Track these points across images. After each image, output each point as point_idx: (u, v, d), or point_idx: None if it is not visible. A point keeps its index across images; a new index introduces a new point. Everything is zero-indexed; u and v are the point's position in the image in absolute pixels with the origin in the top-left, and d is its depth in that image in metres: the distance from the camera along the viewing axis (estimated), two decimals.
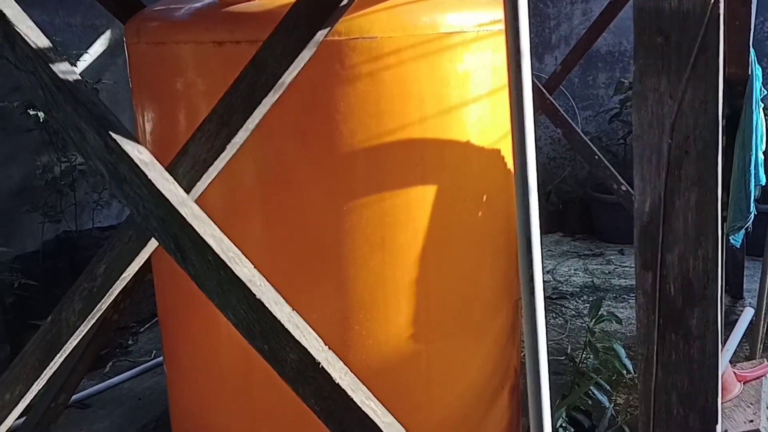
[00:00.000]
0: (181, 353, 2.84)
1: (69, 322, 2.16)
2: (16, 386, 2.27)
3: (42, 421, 2.97)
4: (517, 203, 1.24)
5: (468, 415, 2.74)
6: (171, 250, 1.77)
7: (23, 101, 4.34)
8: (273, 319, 1.68)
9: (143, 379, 4.14)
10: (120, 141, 1.76)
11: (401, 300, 2.48)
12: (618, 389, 3.56)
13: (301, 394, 1.70)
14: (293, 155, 2.36)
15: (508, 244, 2.82)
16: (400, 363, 2.53)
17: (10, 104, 4.29)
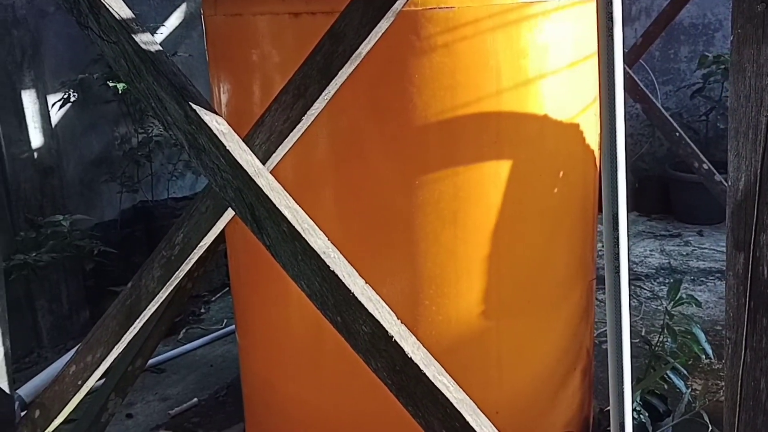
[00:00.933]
0: (253, 322, 2.88)
1: (148, 288, 2.22)
2: (98, 349, 2.35)
3: (119, 384, 3.07)
4: (604, 179, 1.19)
5: (539, 395, 2.70)
6: (247, 221, 1.78)
7: (103, 73, 4.46)
8: (347, 291, 1.68)
9: (215, 346, 4.24)
10: (199, 111, 1.78)
11: (473, 276, 2.44)
12: (694, 374, 3.45)
13: (373, 367, 1.70)
14: (366, 128, 2.34)
15: (583, 221, 2.75)
16: (470, 340, 2.50)
17: (90, 76, 4.41)
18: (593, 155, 2.71)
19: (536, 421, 2.72)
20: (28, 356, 4.17)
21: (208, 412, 3.51)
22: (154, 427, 3.40)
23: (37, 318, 4.23)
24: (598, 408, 3.19)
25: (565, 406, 2.83)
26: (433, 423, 1.65)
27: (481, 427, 1.64)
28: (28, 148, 4.13)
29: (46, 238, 4.03)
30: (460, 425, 1.62)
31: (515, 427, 2.66)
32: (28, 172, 4.14)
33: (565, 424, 2.81)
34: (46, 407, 2.47)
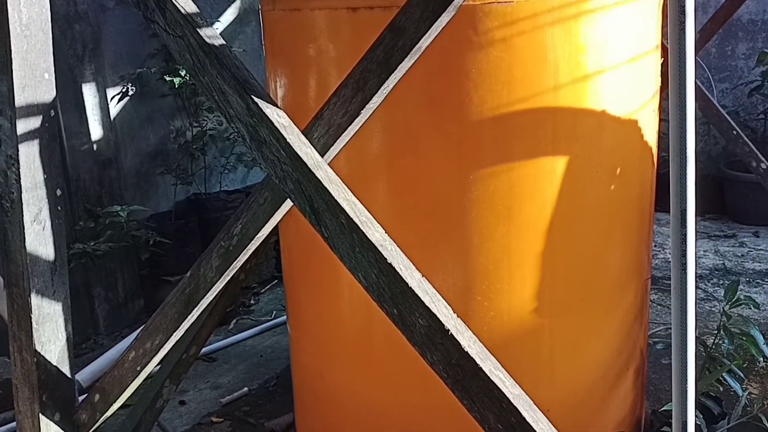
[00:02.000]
0: (304, 313, 2.92)
1: (206, 277, 2.27)
2: (157, 335, 2.41)
3: (174, 371, 3.14)
4: (672, 174, 1.17)
5: (591, 394, 2.67)
6: (306, 212, 1.81)
7: (160, 67, 4.55)
8: (403, 283, 1.69)
9: (264, 337, 4.30)
10: (261, 104, 1.81)
11: (526, 272, 2.43)
12: (750, 377, 3.37)
13: (429, 360, 1.71)
14: (421, 122, 2.35)
15: (639, 219, 2.71)
16: (521, 336, 2.49)
17: (147, 70, 4.52)
18: (651, 152, 2.67)
19: (588, 420, 2.70)
20: (85, 342, 4.30)
21: (258, 401, 3.57)
22: (205, 414, 3.46)
23: (95, 305, 4.35)
24: (651, 409, 3.14)
25: (617, 406, 2.80)
26: (489, 417, 1.66)
27: (537, 423, 1.63)
28: (88, 140, 4.25)
29: (104, 228, 4.15)
30: (516, 420, 1.62)
31: (566, 426, 2.63)
32: (87, 164, 4.26)
33: (616, 424, 2.78)
34: (106, 391, 2.55)
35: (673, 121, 1.14)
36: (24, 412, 2.52)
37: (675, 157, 1.15)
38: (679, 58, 1.14)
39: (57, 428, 2.55)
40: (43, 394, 2.49)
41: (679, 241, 1.18)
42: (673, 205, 1.17)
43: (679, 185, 1.15)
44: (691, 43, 1.16)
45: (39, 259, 2.44)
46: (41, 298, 2.45)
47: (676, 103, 1.14)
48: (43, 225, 2.45)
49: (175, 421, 3.41)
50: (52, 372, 2.50)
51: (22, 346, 2.48)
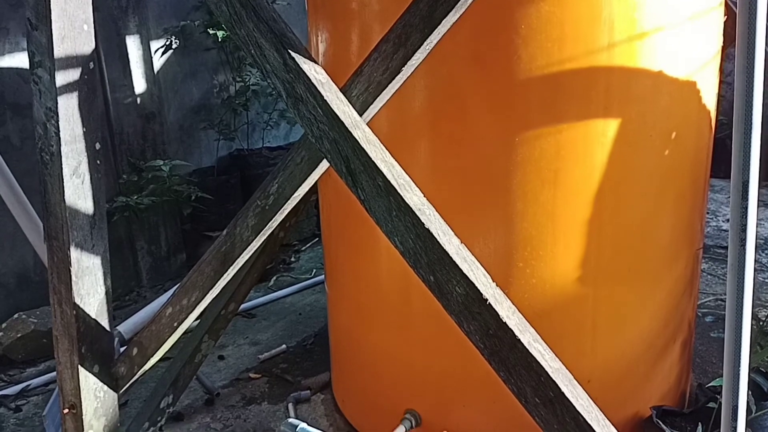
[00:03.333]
0: (341, 274, 2.88)
1: (242, 236, 2.24)
2: (193, 293, 2.40)
3: (213, 327, 3.16)
4: (735, 143, 1.07)
5: (634, 366, 2.59)
6: (342, 173, 1.75)
7: (203, 20, 4.50)
8: (441, 250, 1.63)
9: (304, 295, 4.30)
10: (298, 60, 1.74)
11: (570, 239, 2.34)
12: None
13: (465, 329, 1.65)
14: (466, 81, 2.25)
15: (693, 187, 2.58)
16: (564, 306, 2.41)
17: (191, 23, 4.47)
18: (709, 116, 2.53)
19: (630, 392, 2.62)
20: (128, 294, 4.36)
21: (295, 359, 3.58)
22: (244, 370, 3.49)
23: (138, 259, 4.40)
24: (696, 382, 3.04)
25: (661, 379, 2.71)
26: (526, 391, 1.60)
27: (577, 398, 1.57)
28: (132, 94, 4.24)
29: (147, 182, 4.16)
30: (554, 395, 1.56)
31: (607, 398, 2.56)
32: (131, 117, 4.26)
33: (660, 397, 2.70)
34: (144, 346, 2.56)
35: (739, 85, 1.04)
36: (64, 363, 2.56)
37: (739, 126, 1.05)
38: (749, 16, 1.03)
39: (96, 380, 2.59)
40: (82, 346, 2.52)
41: (740, 215, 1.09)
42: (734, 176, 1.08)
43: (743, 156, 1.06)
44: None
45: (78, 213, 2.45)
46: (80, 251, 2.46)
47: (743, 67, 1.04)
48: (82, 179, 2.45)
49: (213, 376, 3.44)
50: (91, 325, 2.53)
51: (62, 299, 2.50)
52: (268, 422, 3.05)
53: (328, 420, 3.04)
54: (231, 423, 3.06)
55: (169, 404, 3.06)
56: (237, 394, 3.29)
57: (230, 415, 3.12)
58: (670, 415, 2.60)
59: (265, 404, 3.19)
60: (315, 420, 3.06)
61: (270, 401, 3.21)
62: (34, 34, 2.32)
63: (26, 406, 3.23)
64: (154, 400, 3.07)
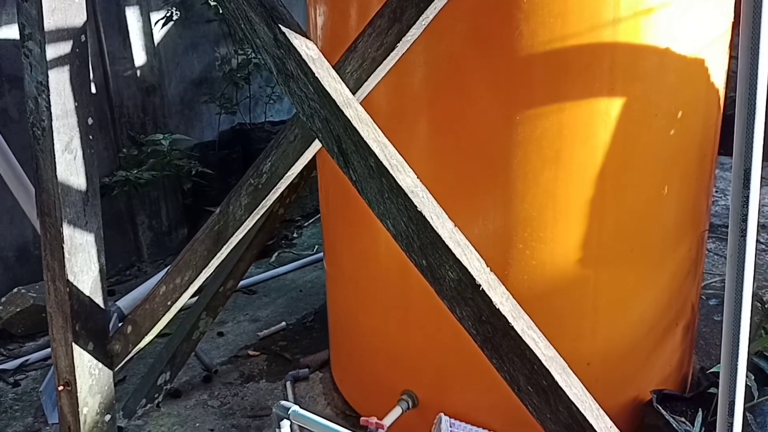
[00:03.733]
0: (339, 254, 2.84)
1: (236, 215, 2.20)
2: (187, 272, 2.37)
3: (211, 304, 3.13)
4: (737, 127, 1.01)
5: (635, 349, 2.55)
6: (333, 153, 1.70)
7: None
8: (434, 233, 1.58)
9: (305, 271, 4.27)
10: (289, 35, 1.68)
11: (571, 220, 2.29)
12: None
13: (458, 315, 1.61)
14: (466, 57, 2.18)
15: (700, 167, 2.51)
16: (564, 288, 2.37)
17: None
18: (718, 95, 2.45)
19: (630, 376, 2.58)
20: (129, 269, 4.35)
21: (294, 336, 3.56)
22: (243, 347, 3.47)
23: (138, 233, 4.38)
24: (699, 366, 3.00)
25: (662, 363, 2.67)
26: (519, 379, 1.56)
27: (571, 387, 1.53)
28: (131, 66, 4.18)
29: (147, 156, 4.12)
30: (547, 384, 1.52)
31: (606, 381, 2.54)
32: (131, 90, 4.20)
33: (661, 380, 2.66)
34: (138, 324, 2.54)
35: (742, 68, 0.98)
36: (58, 341, 2.54)
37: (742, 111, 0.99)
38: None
39: (90, 357, 2.57)
40: (76, 324, 2.49)
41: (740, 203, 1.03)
42: (736, 163, 1.02)
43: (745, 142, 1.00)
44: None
45: (71, 189, 2.41)
46: (73, 228, 2.43)
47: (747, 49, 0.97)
48: (74, 154, 2.40)
49: (212, 352, 3.43)
50: (85, 302, 2.50)
51: (55, 276, 2.47)
52: (266, 400, 3.04)
53: (326, 399, 3.03)
54: (228, 401, 3.05)
55: (166, 381, 3.05)
56: (235, 371, 3.27)
57: (228, 392, 3.11)
58: (671, 400, 2.57)
59: (263, 382, 3.18)
60: (313, 398, 3.04)
61: (268, 379, 3.20)
62: (24, 5, 2.27)
63: (25, 381, 3.23)
64: (152, 377, 3.06)
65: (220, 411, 2.98)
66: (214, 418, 2.94)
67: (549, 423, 1.54)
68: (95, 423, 2.63)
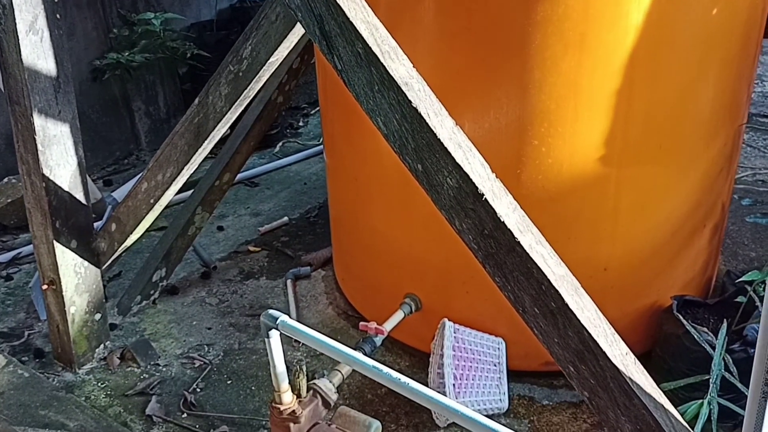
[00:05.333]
0: (340, 147, 2.62)
1: (216, 107, 1.97)
2: (168, 168, 2.17)
3: (207, 198, 2.96)
4: None
5: (657, 253, 2.35)
6: (315, 36, 1.44)
7: None
8: (431, 134, 1.35)
9: (310, 163, 4.07)
10: None
11: (595, 114, 2.04)
12: None
13: (457, 227, 1.41)
14: None
15: (743, 52, 2.22)
16: (582, 188, 2.15)
17: None
18: None
19: (649, 281, 2.41)
20: (126, 158, 4.16)
21: (297, 231, 3.40)
22: (243, 242, 3.32)
23: (135, 120, 4.16)
24: (725, 269, 2.81)
25: (686, 266, 2.48)
26: (524, 299, 1.37)
27: (583, 310, 1.34)
28: None
29: (139, 37, 3.83)
30: (556, 306, 1.33)
31: (623, 287, 2.36)
32: None
33: (683, 285, 2.48)
34: (122, 222, 2.38)
35: None
36: (39, 238, 2.39)
37: None
38: None
39: (74, 255, 2.43)
40: (56, 221, 2.33)
41: None
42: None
43: None
44: None
45: (39, 75, 2.18)
46: (45, 118, 2.21)
47: None
48: (40, 36, 2.15)
49: (211, 247, 3.29)
50: (64, 198, 2.33)
51: (30, 170, 2.29)
52: (265, 298, 2.92)
53: (328, 298, 2.90)
54: (227, 298, 2.94)
55: (162, 277, 2.93)
56: (235, 267, 3.15)
57: (226, 289, 2.99)
58: (693, 306, 2.40)
59: (263, 279, 3.05)
60: (314, 297, 2.92)
61: (269, 276, 3.07)
62: None
63: (18, 275, 3.13)
64: (147, 273, 2.93)
65: (218, 309, 2.87)
66: (211, 316, 2.83)
67: (556, 348, 1.37)
68: (84, 322, 2.53)
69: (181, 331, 2.74)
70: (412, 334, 2.51)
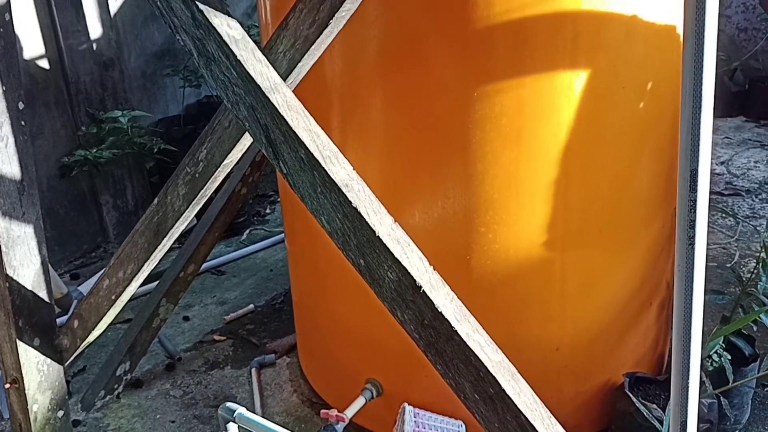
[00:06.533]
0: (299, 232, 2.71)
1: (174, 206, 2.06)
2: (128, 265, 2.24)
3: (171, 290, 3.01)
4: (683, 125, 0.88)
5: (606, 331, 2.44)
6: (262, 144, 1.55)
7: None
8: (370, 231, 1.45)
9: (277, 249, 4.14)
10: (208, 13, 1.52)
11: (535, 202, 2.16)
12: None
13: (399, 318, 1.49)
14: (420, 29, 2.03)
15: (673, 140, 2.37)
16: (529, 272, 2.25)
17: None
18: None
19: (601, 359, 2.48)
20: (94, 251, 4.21)
21: (263, 319, 3.44)
22: (208, 331, 3.35)
23: (103, 213, 4.23)
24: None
25: (635, 344, 2.57)
26: (464, 386, 1.44)
27: (519, 395, 1.41)
28: (87, 39, 3.98)
29: (107, 134, 3.95)
30: (494, 392, 1.41)
31: (576, 366, 2.44)
32: (87, 65, 4.01)
33: (635, 362, 2.56)
34: (84, 318, 2.42)
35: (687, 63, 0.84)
36: (2, 337, 2.41)
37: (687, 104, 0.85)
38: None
39: (37, 353, 2.45)
40: (20, 320, 2.37)
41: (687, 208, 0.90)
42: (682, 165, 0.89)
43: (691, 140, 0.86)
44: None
45: (4, 179, 2.26)
46: (9, 220, 2.28)
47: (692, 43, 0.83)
48: (5, 142, 2.25)
49: (177, 338, 3.32)
50: (27, 297, 2.37)
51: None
52: (230, 388, 2.94)
53: (293, 386, 2.93)
54: (191, 389, 2.95)
55: (126, 371, 2.94)
56: (200, 357, 3.17)
57: (191, 380, 3.01)
58: (645, 383, 2.47)
59: (228, 369, 3.07)
60: (279, 385, 2.94)
61: (234, 365, 3.09)
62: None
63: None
64: (110, 367, 2.94)
65: (182, 401, 2.88)
66: (175, 408, 2.84)
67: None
68: (47, 420, 2.53)
69: (144, 425, 2.74)
70: (375, 420, 2.55)
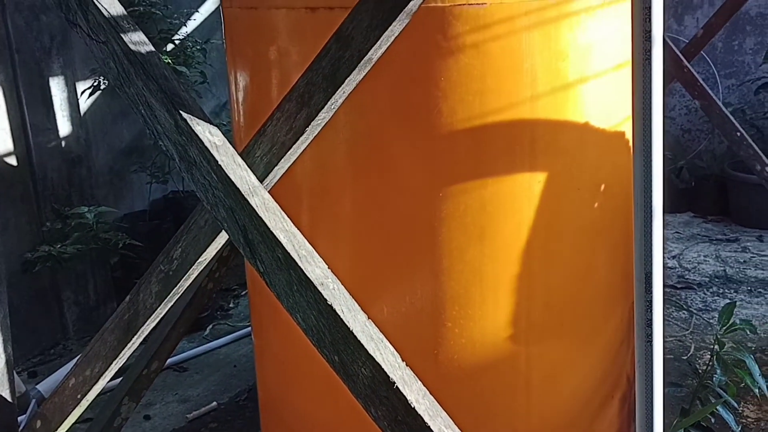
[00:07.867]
0: (267, 327, 2.73)
1: (146, 303, 2.08)
2: (96, 363, 2.23)
3: (134, 388, 2.96)
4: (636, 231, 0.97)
5: (571, 424, 2.48)
6: (239, 243, 1.62)
7: None
8: (345, 328, 1.50)
9: (240, 345, 4.12)
10: (190, 121, 1.61)
11: (500, 297, 2.24)
12: (746, 401, 3.17)
13: (372, 414, 1.52)
14: (387, 134, 2.15)
15: (628, 236, 2.49)
16: (495, 365, 2.30)
17: None
18: None
19: None
20: (53, 348, 4.12)
21: (227, 417, 3.39)
22: (170, 431, 3.29)
23: (63, 310, 4.18)
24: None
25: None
26: None
27: None
28: (56, 137, 4.05)
29: (72, 229, 3.96)
30: None
31: None
32: (55, 162, 4.06)
33: None
34: (47, 419, 2.37)
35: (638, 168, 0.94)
36: None
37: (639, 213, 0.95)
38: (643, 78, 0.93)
39: None
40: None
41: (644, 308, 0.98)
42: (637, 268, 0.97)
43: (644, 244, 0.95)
44: (658, 53, 0.95)
45: None
46: None
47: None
48: None
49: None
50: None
51: None
52: None
53: None
54: None
55: None
56: None
57: None
58: None
59: None
60: None
61: None
62: None
63: None
64: None
65: None
66: None
67: None
68: None
69: None
70: None
